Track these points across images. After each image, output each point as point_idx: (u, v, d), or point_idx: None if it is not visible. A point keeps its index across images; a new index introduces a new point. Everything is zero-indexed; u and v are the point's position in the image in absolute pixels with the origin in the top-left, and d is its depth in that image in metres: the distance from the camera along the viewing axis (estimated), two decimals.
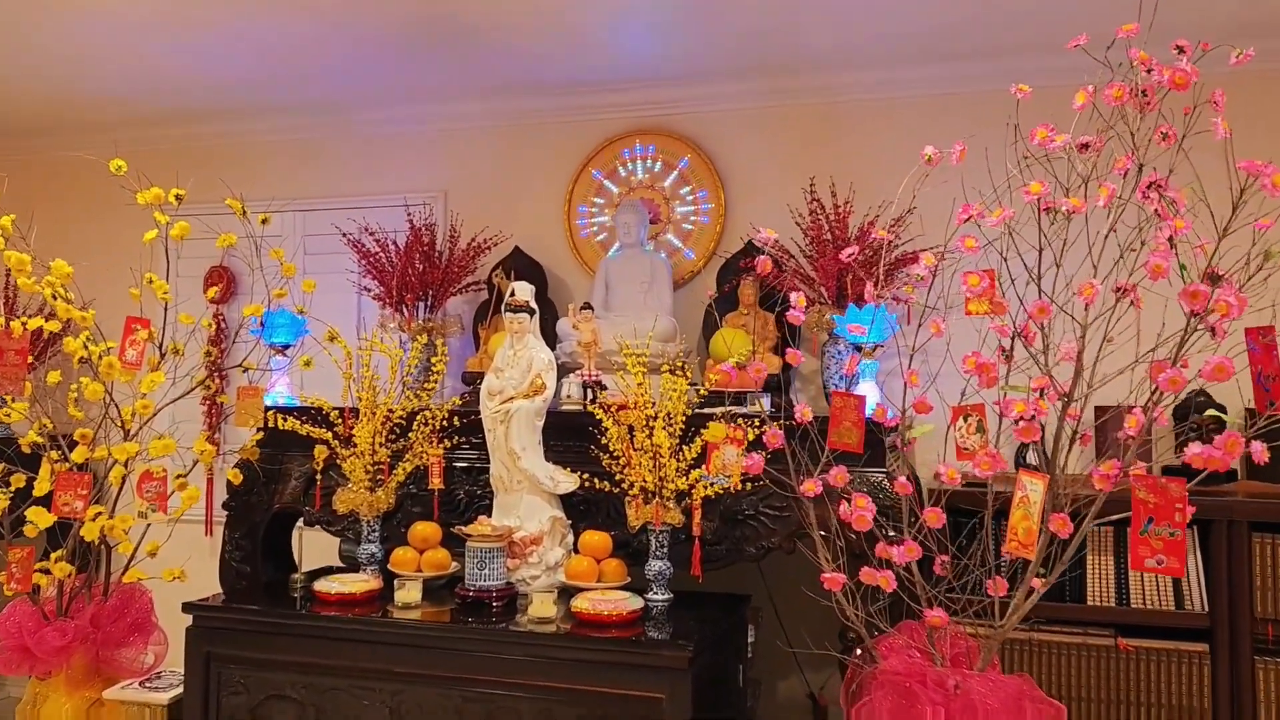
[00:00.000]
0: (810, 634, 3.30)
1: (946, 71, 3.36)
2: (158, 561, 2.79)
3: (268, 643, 2.47)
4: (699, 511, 2.48)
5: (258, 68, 3.51)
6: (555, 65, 3.45)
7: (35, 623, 2.63)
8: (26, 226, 2.64)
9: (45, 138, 4.31)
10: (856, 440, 2.08)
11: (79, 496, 2.57)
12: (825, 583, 2.04)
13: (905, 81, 3.41)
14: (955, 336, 2.20)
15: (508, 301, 2.72)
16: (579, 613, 2.34)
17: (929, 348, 2.22)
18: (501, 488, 2.70)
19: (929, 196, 2.31)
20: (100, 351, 2.60)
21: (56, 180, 4.35)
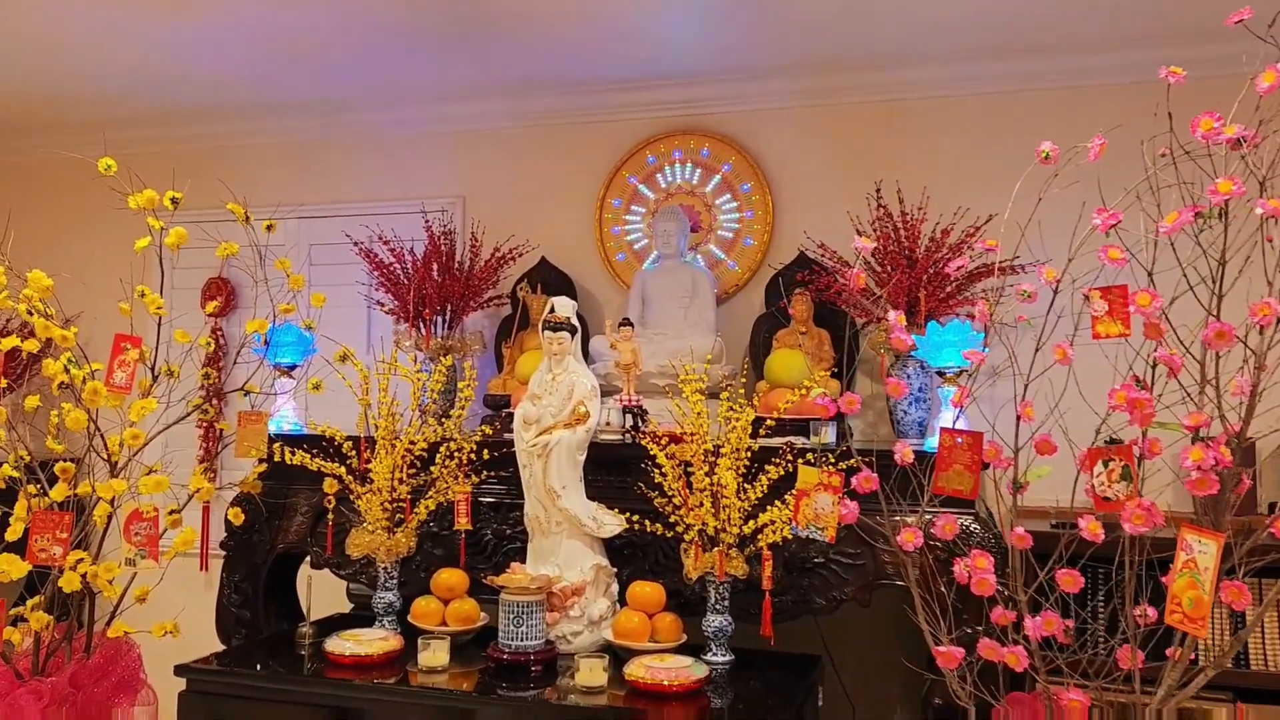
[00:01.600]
0: (873, 692, 3.00)
1: (1015, 68, 3.06)
2: (148, 605, 2.47)
3: (271, 713, 2.15)
4: (769, 562, 2.16)
5: (260, 62, 3.20)
6: (586, 60, 3.15)
7: (8, 683, 2.30)
8: (3, 234, 2.33)
9: (24, 138, 3.99)
10: (970, 486, 1.76)
11: (58, 540, 2.24)
12: (939, 658, 1.72)
13: (971, 79, 3.11)
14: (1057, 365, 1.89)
15: (547, 318, 2.41)
16: (634, 681, 2.02)
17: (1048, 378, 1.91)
18: (538, 530, 2.38)
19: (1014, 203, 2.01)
20: (84, 375, 2.28)
21: (38, 185, 4.04)
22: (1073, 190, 1.86)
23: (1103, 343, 1.80)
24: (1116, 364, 1.81)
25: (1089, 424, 1.92)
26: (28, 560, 2.23)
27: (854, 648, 2.89)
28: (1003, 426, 1.92)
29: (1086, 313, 1.82)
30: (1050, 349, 1.85)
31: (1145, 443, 1.71)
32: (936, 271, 2.71)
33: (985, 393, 2.38)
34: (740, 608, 2.33)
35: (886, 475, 1.95)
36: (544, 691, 2.07)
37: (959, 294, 2.74)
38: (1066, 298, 1.87)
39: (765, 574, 2.16)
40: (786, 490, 2.23)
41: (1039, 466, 1.83)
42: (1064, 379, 1.86)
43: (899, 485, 2.02)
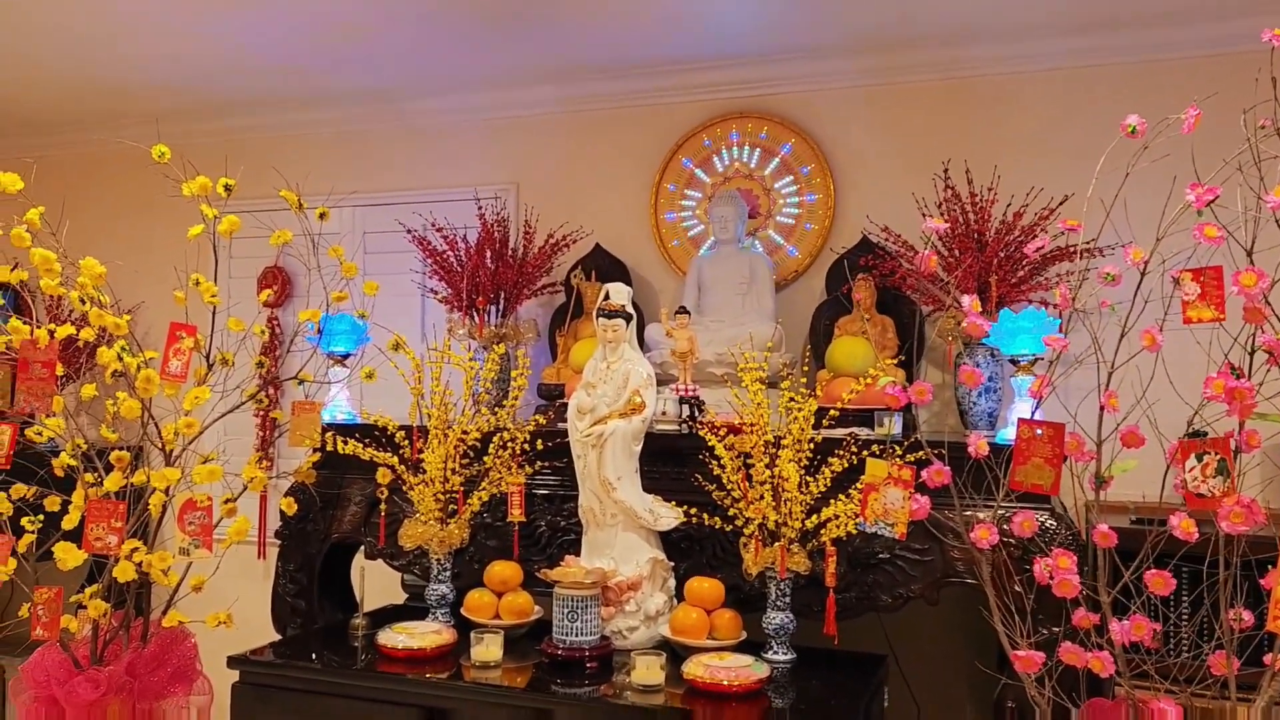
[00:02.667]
0: (939, 693, 2.89)
1: (1087, 43, 2.91)
2: (205, 594, 2.46)
3: (325, 706, 2.12)
4: (833, 558, 2.07)
5: (312, 51, 3.17)
6: (639, 42, 3.07)
7: (65, 672, 2.30)
8: (58, 223, 2.32)
9: (81, 131, 4.03)
10: (1051, 481, 1.66)
11: (113, 530, 2.23)
12: (1018, 663, 1.62)
13: (1041, 55, 2.96)
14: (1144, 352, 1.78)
15: (601, 305, 2.35)
16: (693, 680, 1.95)
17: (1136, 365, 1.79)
18: (593, 522, 2.32)
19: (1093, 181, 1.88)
20: (138, 364, 2.27)
21: (93, 176, 4.07)
22: (1157, 168, 1.75)
23: (1194, 328, 1.69)
24: (1210, 351, 1.69)
25: (1178, 415, 1.81)
26: (84, 549, 2.23)
27: (918, 647, 2.79)
28: (1083, 418, 1.81)
29: (1176, 297, 1.70)
30: (1136, 335, 1.73)
31: (1243, 435, 1.60)
32: (1008, 255, 2.59)
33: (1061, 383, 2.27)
34: (802, 604, 2.25)
35: (958, 469, 1.85)
36: (599, 689, 2.01)
37: (1032, 278, 2.61)
38: (1153, 281, 1.76)
39: (829, 570, 2.07)
40: (850, 483, 2.15)
41: (1125, 460, 1.73)
42: (1151, 367, 1.75)
43: (971, 479, 1.93)
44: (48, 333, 2.19)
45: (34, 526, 2.31)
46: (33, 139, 4.12)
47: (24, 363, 2.22)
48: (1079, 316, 1.82)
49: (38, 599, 2.23)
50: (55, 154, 4.09)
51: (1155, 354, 1.70)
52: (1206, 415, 1.71)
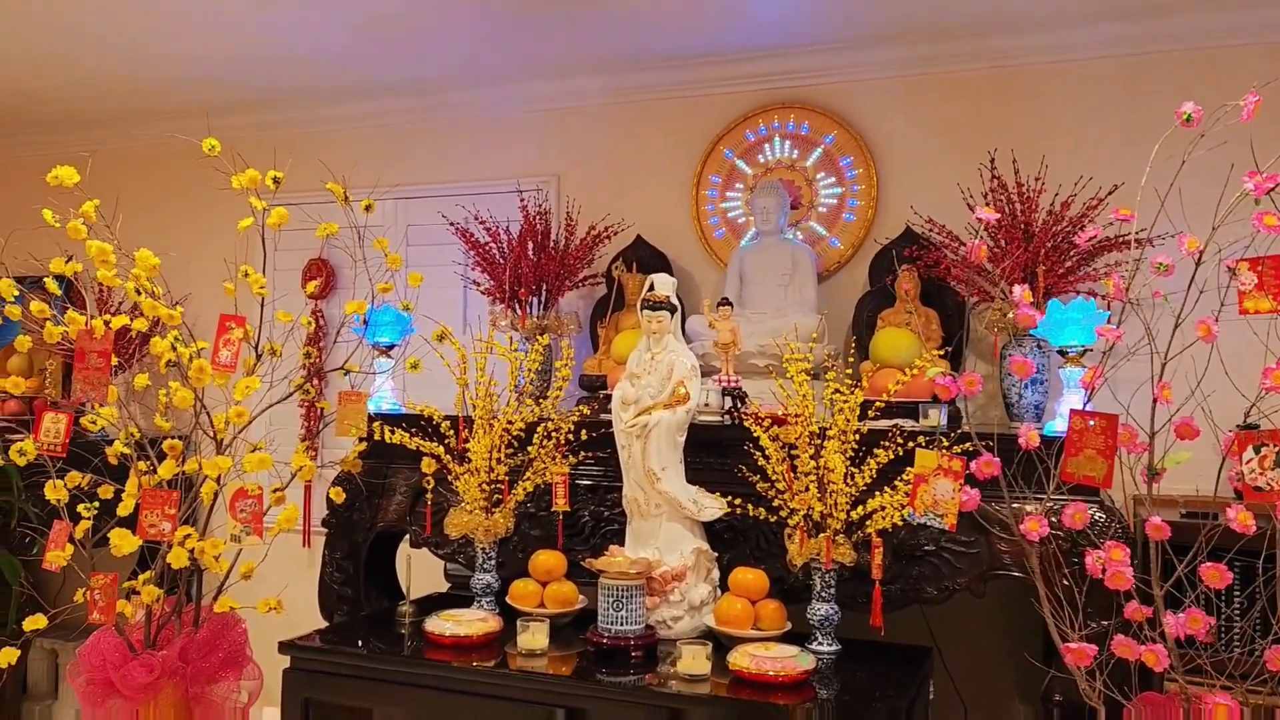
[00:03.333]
0: (984, 686, 2.87)
1: (1135, 30, 2.86)
2: (252, 581, 2.50)
3: (374, 691, 2.15)
4: (880, 549, 2.07)
5: (356, 43, 3.20)
6: (682, 33, 3.06)
7: (121, 655, 2.35)
8: (111, 216, 2.36)
9: (130, 126, 4.10)
10: (1104, 473, 1.64)
11: (166, 516, 2.28)
12: (1070, 655, 1.61)
13: (1088, 43, 2.92)
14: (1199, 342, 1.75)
15: (646, 296, 2.35)
16: (739, 671, 1.96)
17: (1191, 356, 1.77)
18: (637, 513, 2.33)
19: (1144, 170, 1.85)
20: (190, 354, 2.31)
21: (138, 170, 4.13)
22: (1212, 156, 1.72)
23: (1250, 319, 1.67)
24: (1268, 342, 1.67)
25: (1234, 407, 1.79)
26: (138, 535, 2.28)
27: (960, 639, 2.77)
28: (1134, 411, 1.79)
29: (1233, 287, 1.68)
30: (1190, 326, 1.71)
31: None
32: (1055, 245, 2.56)
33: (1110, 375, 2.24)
34: (846, 596, 2.25)
35: (1006, 461, 1.84)
36: (644, 678, 2.02)
37: (1079, 269, 2.58)
38: (1208, 270, 1.74)
39: (875, 562, 2.07)
40: (895, 475, 2.14)
41: (1178, 452, 1.71)
42: (1206, 359, 1.73)
43: (1021, 471, 1.91)
44: (104, 323, 2.24)
45: (90, 514, 2.36)
46: (84, 134, 4.20)
47: (80, 353, 2.26)
48: (1132, 307, 1.79)
49: (94, 584, 2.27)
50: (109, 149, 4.16)
51: (1210, 345, 1.67)
52: (1264, 407, 1.69)
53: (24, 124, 4.19)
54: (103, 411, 2.42)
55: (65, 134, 4.24)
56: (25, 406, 3.76)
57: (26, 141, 4.35)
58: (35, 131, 4.28)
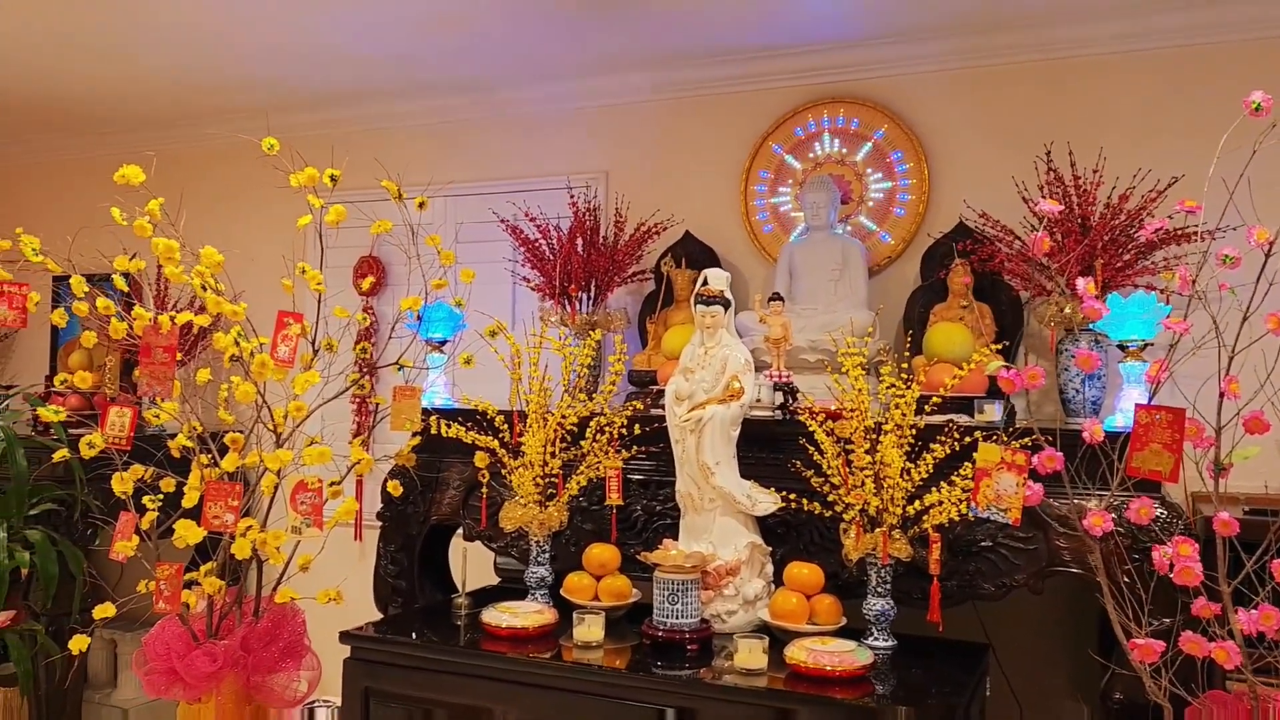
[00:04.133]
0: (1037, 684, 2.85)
1: (1194, 19, 2.82)
2: (306, 574, 2.55)
3: (433, 682, 2.18)
4: (938, 544, 2.06)
5: (409, 42, 3.23)
6: (731, 28, 3.06)
7: (184, 645, 2.40)
8: (175, 213, 2.41)
9: (186, 126, 4.17)
10: (1170, 467, 1.62)
11: (229, 509, 2.33)
12: (1137, 651, 1.59)
13: (1147, 33, 2.88)
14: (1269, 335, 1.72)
15: (700, 291, 2.36)
16: (796, 665, 1.96)
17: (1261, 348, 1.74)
18: (691, 507, 2.34)
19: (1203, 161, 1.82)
20: (252, 349, 2.36)
21: (198, 170, 4.20)
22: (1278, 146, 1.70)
23: None
24: None
25: None
26: (203, 526, 2.33)
27: (1014, 636, 2.75)
28: (1200, 405, 1.76)
29: None
30: (1259, 319, 1.69)
31: None
32: (1113, 239, 2.53)
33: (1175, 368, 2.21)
34: (901, 591, 2.24)
35: (1069, 456, 1.82)
36: (700, 671, 2.03)
37: (1137, 262, 2.55)
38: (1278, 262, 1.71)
39: (933, 557, 2.06)
40: (951, 470, 2.13)
41: (1247, 446, 1.68)
42: (1276, 352, 1.70)
43: (1083, 467, 1.89)
44: (169, 319, 2.28)
45: (154, 506, 2.41)
46: (140, 135, 4.28)
47: (146, 348, 2.31)
48: (1200, 300, 1.77)
49: (160, 574, 2.33)
50: (169, 149, 4.23)
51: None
52: None
53: (90, 124, 4.29)
54: (164, 406, 2.48)
55: (123, 134, 4.33)
56: (86, 402, 3.84)
57: (93, 142, 4.45)
58: (98, 131, 4.37)
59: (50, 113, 4.13)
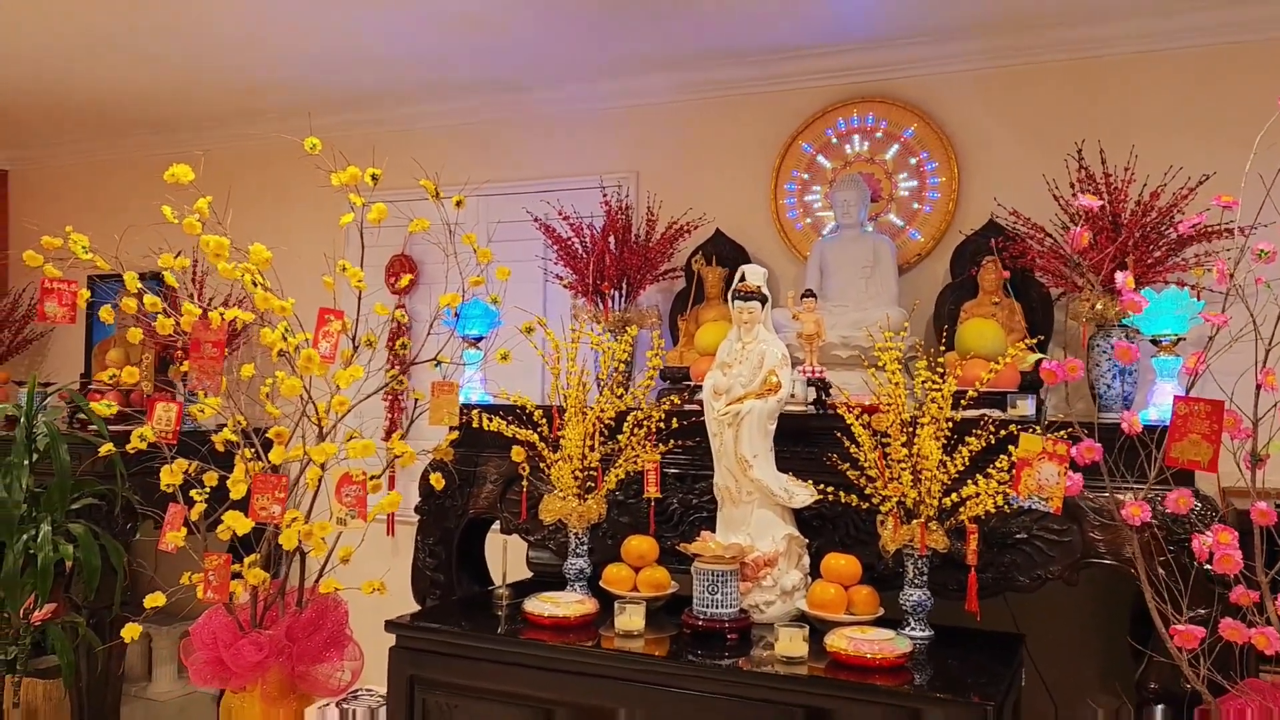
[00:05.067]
0: (1068, 674, 2.87)
1: (1224, 19, 2.84)
2: (341, 567, 2.60)
3: (477, 669, 2.22)
4: (975, 535, 2.09)
5: (443, 43, 3.28)
6: (760, 29, 3.09)
7: (231, 634, 2.46)
8: (223, 211, 2.47)
9: (218, 128, 4.24)
10: (1209, 457, 1.65)
11: (276, 500, 2.38)
12: (1178, 638, 1.62)
13: (1177, 31, 2.90)
14: None
15: (737, 287, 2.40)
16: (836, 653, 1.99)
17: None
18: (728, 499, 2.37)
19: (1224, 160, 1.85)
20: (297, 343, 2.41)
21: (235, 170, 4.27)
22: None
23: None
24: None
25: None
26: (250, 518, 2.38)
27: (1046, 628, 2.77)
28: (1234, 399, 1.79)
29: None
30: None
31: None
32: (1144, 235, 2.55)
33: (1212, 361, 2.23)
34: (937, 583, 2.27)
35: (1107, 447, 1.85)
36: (740, 660, 2.06)
37: (1168, 259, 2.57)
38: None
39: (971, 548, 2.09)
40: (986, 464, 2.16)
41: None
42: None
43: (1121, 458, 1.92)
44: (219, 314, 2.34)
45: (202, 498, 2.47)
46: (176, 135, 4.36)
47: (195, 343, 2.37)
48: (1238, 293, 1.79)
49: (208, 565, 2.38)
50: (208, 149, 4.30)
51: None
52: None
53: (120, 125, 4.36)
54: (208, 401, 2.53)
55: (149, 135, 4.41)
56: (124, 398, 3.90)
57: (135, 143, 4.52)
58: (128, 134, 4.45)
59: (84, 114, 4.20)
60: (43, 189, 4.86)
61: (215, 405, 2.56)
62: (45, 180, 4.86)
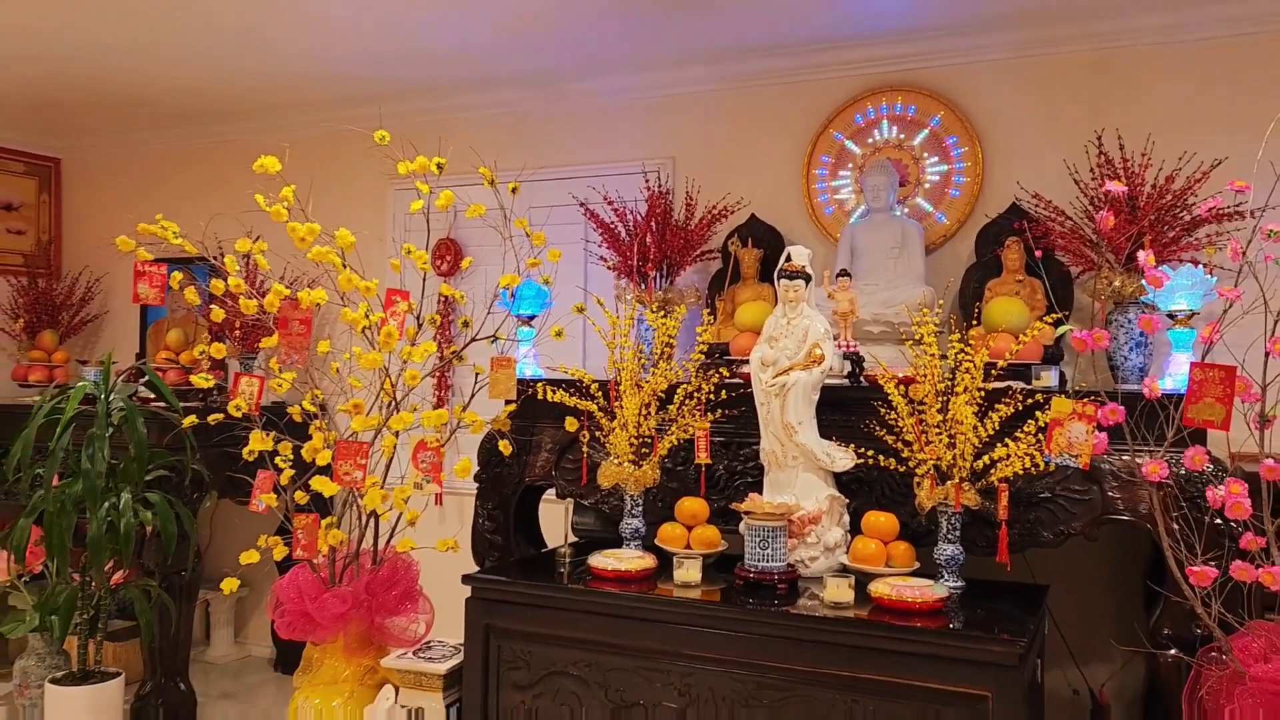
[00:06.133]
0: (1084, 624, 3.08)
1: (1240, 10, 3.00)
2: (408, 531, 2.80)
3: (548, 618, 2.43)
4: (1005, 493, 2.29)
5: (493, 38, 3.46)
6: (792, 21, 3.27)
7: (316, 589, 2.67)
8: (305, 198, 2.66)
9: (268, 118, 4.43)
10: (1222, 417, 1.85)
11: (358, 466, 2.58)
12: (1193, 577, 1.82)
13: (1192, 24, 3.07)
14: None
15: (783, 267, 2.59)
16: (879, 599, 2.20)
17: None
18: (775, 464, 2.57)
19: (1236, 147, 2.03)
20: (376, 321, 2.61)
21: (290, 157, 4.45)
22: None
23: None
24: None
25: None
26: (335, 482, 2.59)
27: (1065, 584, 2.97)
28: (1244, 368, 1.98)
29: None
30: None
31: None
32: (1159, 217, 2.74)
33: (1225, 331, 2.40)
34: (967, 540, 2.47)
35: (1130, 411, 2.04)
36: (790, 607, 2.27)
37: (1181, 239, 2.75)
38: None
39: (1002, 504, 2.29)
40: (1014, 429, 2.36)
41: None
42: None
43: (1141, 421, 2.11)
44: (307, 295, 2.53)
45: (286, 465, 2.68)
46: (243, 124, 4.54)
47: (284, 321, 2.57)
48: (1250, 270, 1.98)
49: (298, 524, 2.59)
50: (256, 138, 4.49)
51: None
52: None
53: (176, 116, 4.55)
54: (285, 375, 2.73)
55: (201, 124, 4.59)
56: (184, 376, 4.11)
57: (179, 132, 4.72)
58: (179, 123, 4.63)
59: (132, 106, 4.38)
60: (93, 177, 5.06)
61: (290, 379, 2.76)
62: (95, 168, 5.06)
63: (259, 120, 4.47)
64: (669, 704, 2.27)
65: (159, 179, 4.84)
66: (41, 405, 3.36)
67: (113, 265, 4.92)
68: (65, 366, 4.63)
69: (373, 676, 2.72)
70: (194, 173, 4.74)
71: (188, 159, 4.77)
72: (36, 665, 3.76)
